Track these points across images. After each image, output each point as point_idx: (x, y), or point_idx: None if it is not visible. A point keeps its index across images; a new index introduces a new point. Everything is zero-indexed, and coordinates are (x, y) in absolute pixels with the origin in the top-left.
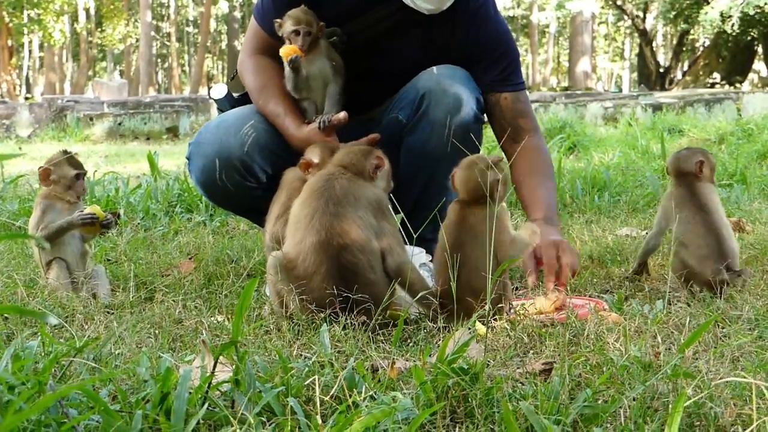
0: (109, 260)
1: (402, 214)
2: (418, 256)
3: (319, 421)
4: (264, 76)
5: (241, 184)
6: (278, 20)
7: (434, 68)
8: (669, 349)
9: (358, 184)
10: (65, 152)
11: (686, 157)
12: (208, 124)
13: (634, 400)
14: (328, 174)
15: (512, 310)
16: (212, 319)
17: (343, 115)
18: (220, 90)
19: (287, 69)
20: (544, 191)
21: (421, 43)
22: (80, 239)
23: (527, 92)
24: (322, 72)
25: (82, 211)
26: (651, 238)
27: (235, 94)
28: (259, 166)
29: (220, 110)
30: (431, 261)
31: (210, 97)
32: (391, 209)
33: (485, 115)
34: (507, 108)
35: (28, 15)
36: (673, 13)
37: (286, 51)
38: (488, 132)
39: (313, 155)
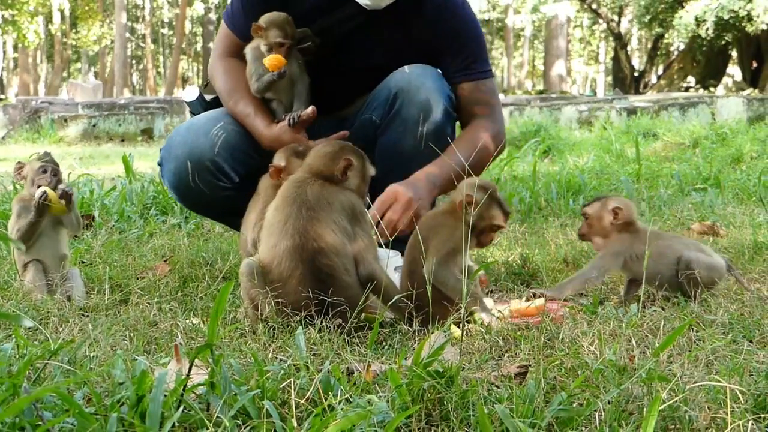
0: (83, 262)
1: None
2: (393, 259)
3: (295, 424)
4: (234, 78)
5: (214, 185)
6: (259, 24)
7: (405, 67)
8: (643, 352)
9: (330, 190)
10: (45, 152)
11: None
12: (177, 128)
13: (609, 403)
14: (298, 180)
15: (493, 311)
16: (187, 321)
17: (311, 110)
18: (192, 92)
19: (256, 73)
20: (437, 162)
21: (388, 40)
22: (58, 241)
23: (493, 80)
24: (290, 72)
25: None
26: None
27: (207, 97)
28: (231, 166)
29: (192, 113)
30: None
31: (182, 100)
32: (366, 215)
33: None
34: (464, 97)
35: (2, 16)
36: (648, 17)
37: (272, 63)
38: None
39: (279, 160)
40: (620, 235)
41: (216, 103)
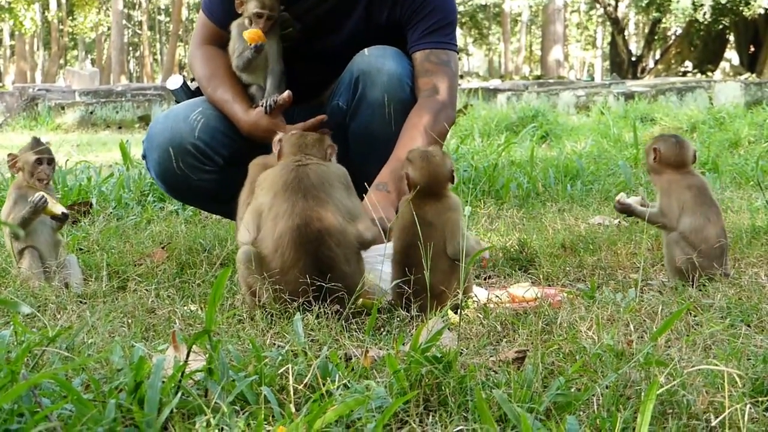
0: (81, 249)
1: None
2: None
3: (293, 410)
4: (212, 65)
5: (199, 169)
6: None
7: (365, 50)
8: (641, 337)
9: (326, 166)
10: (34, 139)
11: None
12: (156, 118)
13: (606, 388)
14: (296, 163)
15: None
16: (185, 308)
17: (287, 94)
18: (175, 81)
19: (238, 49)
20: (391, 159)
21: (363, 20)
22: (51, 228)
23: (450, 54)
24: (269, 54)
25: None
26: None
27: (192, 86)
28: (213, 149)
29: (177, 102)
30: None
31: (166, 88)
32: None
33: None
34: (416, 67)
35: None
36: (645, 1)
37: (251, 36)
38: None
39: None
40: (671, 175)
41: (201, 91)
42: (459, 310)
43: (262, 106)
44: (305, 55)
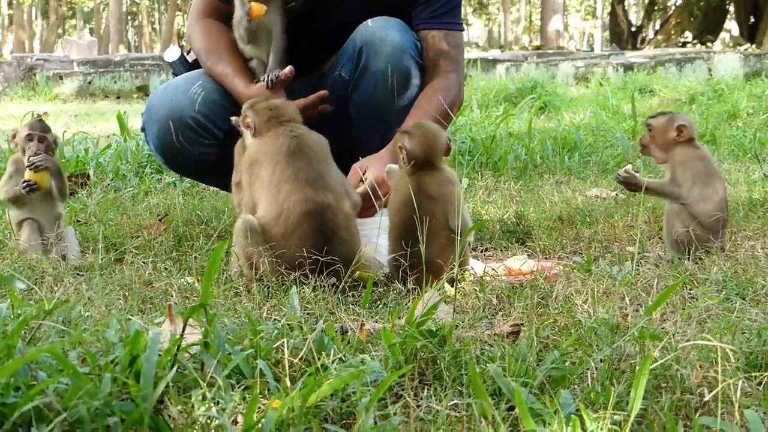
0: (78, 221)
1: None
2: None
3: (288, 384)
4: (212, 38)
5: (199, 143)
6: None
7: (369, 21)
8: (637, 310)
9: (317, 135)
10: (37, 116)
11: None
12: (156, 90)
13: (601, 361)
14: (294, 132)
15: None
16: (182, 280)
17: (289, 69)
18: (173, 52)
19: (236, 17)
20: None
21: None
22: (53, 200)
23: (462, 36)
24: (271, 25)
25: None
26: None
27: (189, 58)
28: (213, 122)
29: (175, 74)
30: None
31: (164, 60)
32: None
33: None
34: (433, 46)
35: None
36: None
37: (252, 9)
38: None
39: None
40: (684, 148)
41: (198, 63)
42: (455, 284)
43: (263, 80)
44: (308, 30)
